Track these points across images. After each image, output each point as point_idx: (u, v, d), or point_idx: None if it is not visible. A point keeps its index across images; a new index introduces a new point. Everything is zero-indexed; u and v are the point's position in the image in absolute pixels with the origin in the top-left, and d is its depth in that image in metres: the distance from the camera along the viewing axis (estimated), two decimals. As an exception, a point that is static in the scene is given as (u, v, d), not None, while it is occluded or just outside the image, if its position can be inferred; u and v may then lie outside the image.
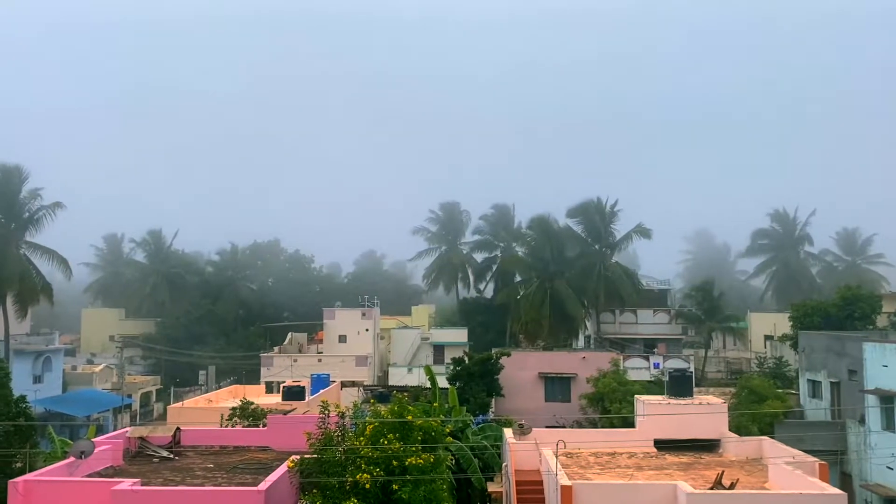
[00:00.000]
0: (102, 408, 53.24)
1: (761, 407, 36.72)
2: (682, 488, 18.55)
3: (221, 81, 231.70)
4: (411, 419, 19.21)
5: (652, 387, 41.34)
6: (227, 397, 44.31)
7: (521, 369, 48.26)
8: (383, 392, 44.78)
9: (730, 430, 26.99)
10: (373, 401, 23.89)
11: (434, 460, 18.77)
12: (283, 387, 42.66)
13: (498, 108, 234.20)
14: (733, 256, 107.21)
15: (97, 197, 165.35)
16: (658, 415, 25.85)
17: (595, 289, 62.51)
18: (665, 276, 77.33)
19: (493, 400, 45.15)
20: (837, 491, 19.23)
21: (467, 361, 45.73)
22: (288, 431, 23.06)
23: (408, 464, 18.02)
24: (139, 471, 20.27)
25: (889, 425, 31.84)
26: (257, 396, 41.68)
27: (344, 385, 49.58)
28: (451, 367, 46.20)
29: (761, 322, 69.26)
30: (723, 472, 21.22)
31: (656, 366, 51.60)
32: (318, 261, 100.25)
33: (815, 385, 39.83)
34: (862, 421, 33.82)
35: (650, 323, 65.18)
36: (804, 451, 24.06)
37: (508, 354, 47.95)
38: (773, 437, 27.91)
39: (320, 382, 45.83)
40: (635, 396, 29.86)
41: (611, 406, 40.24)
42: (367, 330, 62.23)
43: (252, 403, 34.13)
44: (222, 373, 65.90)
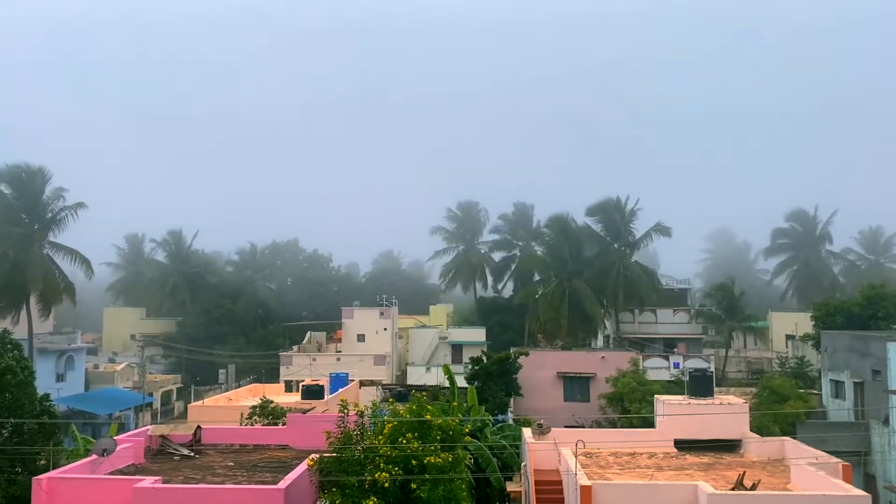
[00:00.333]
0: (124, 406, 53.71)
1: (783, 407, 36.38)
2: (703, 489, 18.41)
3: (239, 86, 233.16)
4: (430, 418, 19.20)
5: (672, 387, 41.10)
6: (246, 396, 44.63)
7: (540, 369, 48.14)
8: (401, 391, 44.78)
9: (751, 430, 26.76)
10: (391, 400, 23.89)
11: (453, 460, 18.76)
12: (303, 386, 42.88)
13: (511, 109, 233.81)
14: (754, 255, 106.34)
15: (119, 198, 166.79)
16: (678, 415, 25.67)
17: (614, 288, 62.17)
18: (685, 276, 76.95)
19: (512, 399, 45.06)
20: (861, 492, 19.00)
21: (485, 361, 45.65)
22: (307, 430, 23.15)
23: (426, 463, 18.01)
24: (160, 469, 20.44)
25: (914, 426, 31.43)
26: (276, 395, 41.89)
27: (362, 384, 49.70)
28: (470, 367, 46.14)
29: (783, 321, 68.60)
30: (744, 472, 21.04)
31: (676, 365, 51.27)
32: (336, 260, 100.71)
33: (838, 385, 39.38)
34: (886, 421, 33.39)
35: (670, 322, 64.77)
36: (827, 451, 23.78)
37: (527, 354, 47.83)
38: (795, 438, 27.63)
39: (339, 381, 46.00)
40: (655, 396, 29.69)
41: (630, 406, 40.03)
42: (385, 329, 62.37)
43: (271, 402, 34.32)
44: (242, 372, 66.34)
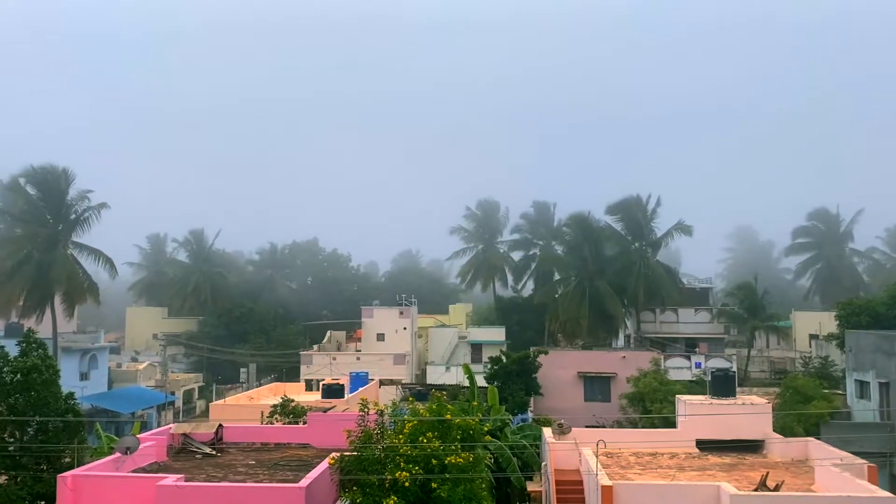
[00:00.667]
0: (146, 405, 54.20)
1: (807, 407, 35.97)
2: (726, 489, 18.23)
3: (259, 84, 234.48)
4: (450, 418, 19.18)
5: (693, 387, 40.80)
6: (267, 395, 44.87)
7: (560, 368, 48.01)
8: (421, 390, 44.89)
9: (774, 430, 26.47)
10: (411, 399, 23.93)
11: (473, 459, 18.73)
12: (323, 384, 42.99)
13: (529, 109, 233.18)
14: (777, 254, 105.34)
15: (139, 198, 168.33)
16: (700, 415, 25.46)
17: (635, 287, 61.71)
18: (707, 275, 76.34)
19: (532, 399, 44.96)
20: (887, 494, 18.70)
21: (505, 360, 45.56)
22: (327, 429, 23.20)
23: (447, 462, 18.00)
24: (183, 467, 20.58)
25: (941, 427, 30.95)
26: (297, 394, 42.07)
27: (382, 383, 49.81)
28: (489, 366, 46.09)
29: (806, 321, 67.87)
30: (767, 473, 20.80)
31: (698, 365, 50.91)
32: (356, 260, 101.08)
33: (862, 385, 38.89)
34: (912, 422, 32.93)
35: (691, 322, 64.22)
36: (852, 453, 23.42)
37: (546, 353, 47.70)
38: (819, 439, 27.28)
39: (359, 380, 46.13)
40: (676, 396, 29.46)
41: (651, 406, 39.76)
42: (404, 328, 62.44)
43: (292, 401, 34.45)
44: (262, 370, 66.71)
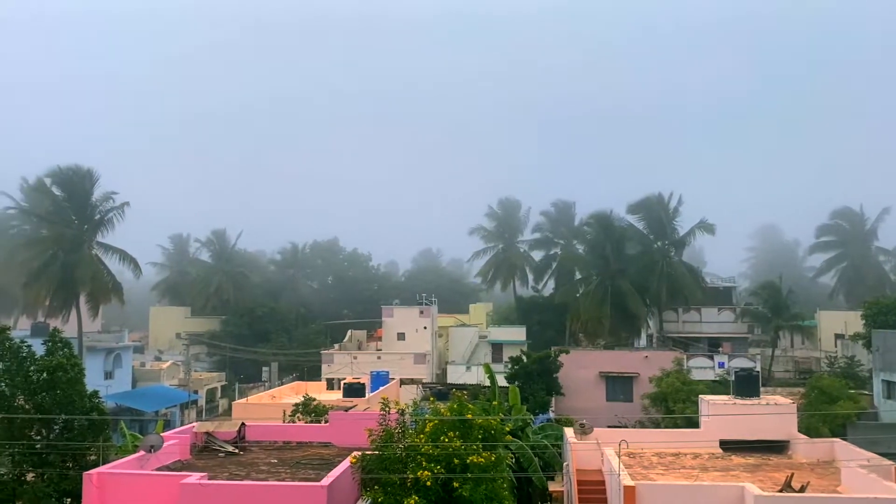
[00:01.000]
0: (170, 403, 54.66)
1: (832, 408, 35.57)
2: (750, 490, 18.04)
3: (275, 88, 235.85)
4: (471, 417, 19.15)
5: (717, 386, 40.46)
6: (289, 393, 45.09)
7: (582, 368, 47.80)
8: (442, 390, 44.85)
9: (799, 431, 26.17)
10: (432, 398, 23.94)
11: (495, 459, 18.69)
12: (344, 384, 43.15)
13: (546, 108, 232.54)
14: (802, 253, 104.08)
15: (162, 199, 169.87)
16: (724, 415, 25.22)
17: (657, 286, 61.23)
18: (730, 274, 75.56)
19: (553, 399, 44.79)
20: (916, 496, 18.40)
21: (525, 360, 45.43)
22: (349, 428, 23.26)
23: (468, 462, 17.98)
24: (206, 465, 20.74)
25: (971, 428, 30.42)
26: (318, 393, 42.24)
27: (403, 382, 49.89)
28: (510, 366, 45.98)
29: (831, 320, 66.97)
30: (792, 474, 20.56)
31: (721, 365, 50.45)
32: (376, 259, 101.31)
33: (890, 386, 38.38)
34: (941, 423, 32.41)
35: (714, 321, 63.64)
36: (879, 454, 23.10)
37: (567, 352, 47.51)
38: (845, 440, 26.93)
39: (380, 379, 46.24)
40: (699, 396, 29.23)
41: (674, 406, 39.49)
42: (424, 328, 62.50)
43: (314, 400, 34.59)
44: (284, 369, 67.11)
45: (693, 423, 29.93)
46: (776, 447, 24.99)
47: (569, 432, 27.01)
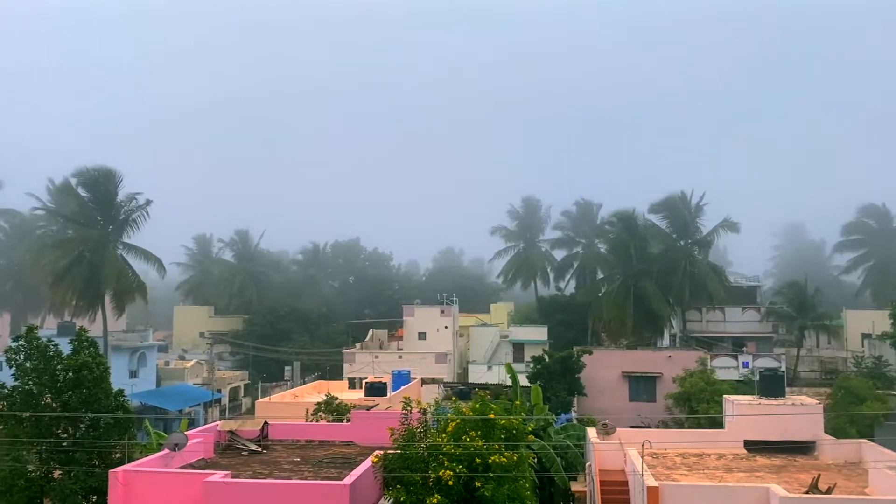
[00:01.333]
0: (194, 402, 55.11)
1: (860, 408, 35.10)
2: (775, 491, 17.83)
3: (300, 83, 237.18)
4: (494, 417, 19.11)
5: (741, 387, 40.07)
6: (311, 392, 45.31)
7: (604, 368, 47.54)
8: (463, 389, 44.84)
9: (825, 432, 25.83)
10: (454, 398, 23.94)
11: (517, 459, 18.64)
12: (366, 383, 43.29)
13: (562, 107, 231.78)
14: (829, 251, 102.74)
15: (185, 199, 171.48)
16: (749, 415, 24.95)
17: (681, 286, 60.72)
18: (755, 273, 74.78)
19: (576, 399, 44.60)
20: (946, 498, 18.10)
21: (547, 360, 45.27)
22: (371, 427, 23.31)
23: (491, 462, 17.95)
24: (229, 463, 20.89)
25: None
26: (340, 392, 42.42)
27: (424, 382, 49.92)
28: (532, 366, 45.85)
29: (858, 319, 65.94)
30: (819, 475, 20.29)
31: (745, 365, 49.99)
32: (396, 259, 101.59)
33: (918, 386, 37.75)
34: (972, 425, 31.84)
35: (739, 321, 63.02)
36: (908, 455, 22.76)
37: (590, 352, 47.28)
38: (872, 440, 26.54)
39: (401, 379, 46.32)
40: (724, 396, 28.95)
41: (698, 406, 39.15)
42: (446, 327, 62.50)
43: (336, 398, 34.73)
44: (306, 368, 67.42)
45: (717, 424, 29.65)
46: (802, 448, 24.68)
47: (591, 432, 26.87)
